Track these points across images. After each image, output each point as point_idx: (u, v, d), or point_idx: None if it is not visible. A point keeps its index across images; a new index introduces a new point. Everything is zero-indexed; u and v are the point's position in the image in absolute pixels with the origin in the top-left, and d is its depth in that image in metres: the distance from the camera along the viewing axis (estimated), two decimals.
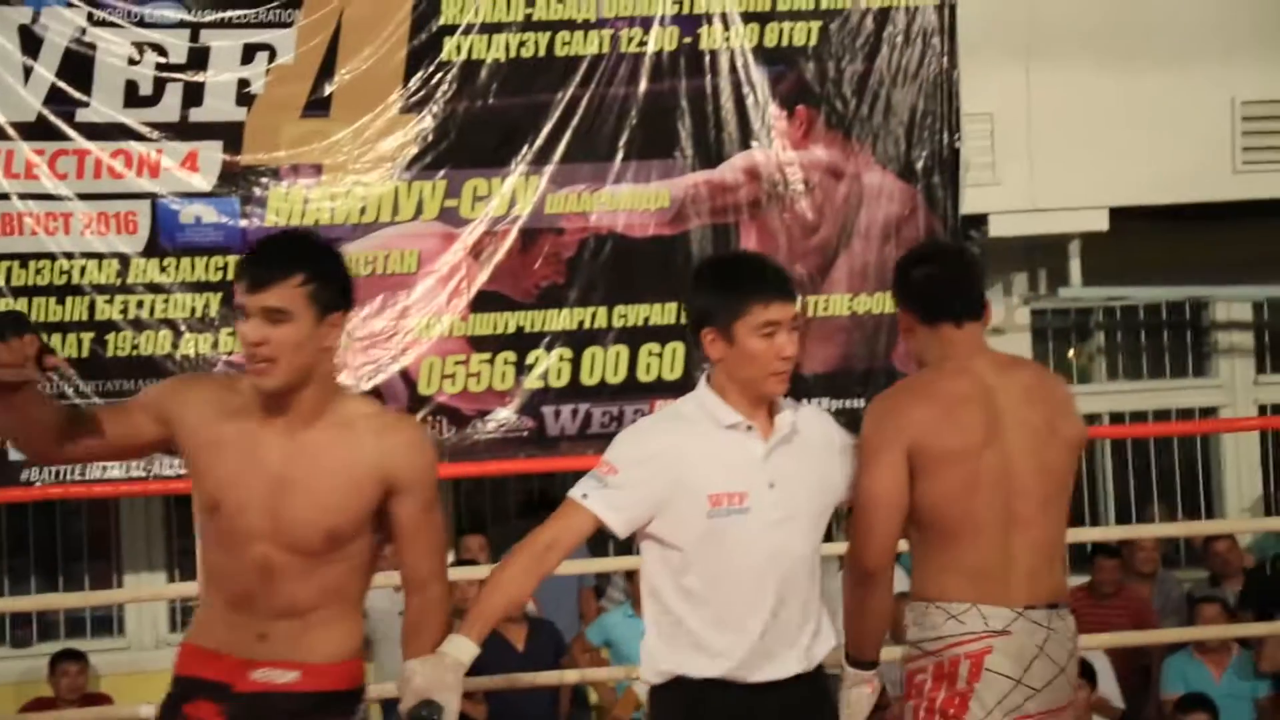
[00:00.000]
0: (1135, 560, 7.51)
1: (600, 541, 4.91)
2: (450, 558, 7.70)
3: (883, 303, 7.38)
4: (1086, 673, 6.60)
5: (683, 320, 5.96)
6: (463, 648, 3.02)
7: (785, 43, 7.41)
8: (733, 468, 3.15)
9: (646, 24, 7.31)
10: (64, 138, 6.96)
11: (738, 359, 3.13)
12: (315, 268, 2.94)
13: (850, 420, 7.42)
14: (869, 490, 3.29)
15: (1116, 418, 8.31)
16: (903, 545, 3.49)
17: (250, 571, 2.99)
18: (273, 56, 7.13)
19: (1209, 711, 6.30)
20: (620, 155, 7.30)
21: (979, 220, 7.68)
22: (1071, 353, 8.70)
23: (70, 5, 6.95)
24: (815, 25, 7.42)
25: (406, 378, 7.08)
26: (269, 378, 2.93)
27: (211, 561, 3.07)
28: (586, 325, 7.22)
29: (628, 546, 4.52)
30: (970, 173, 7.53)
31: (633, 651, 6.59)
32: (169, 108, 7.05)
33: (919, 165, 7.49)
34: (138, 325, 6.94)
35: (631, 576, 7.06)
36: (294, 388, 2.97)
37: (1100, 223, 7.70)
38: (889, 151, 7.47)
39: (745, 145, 7.38)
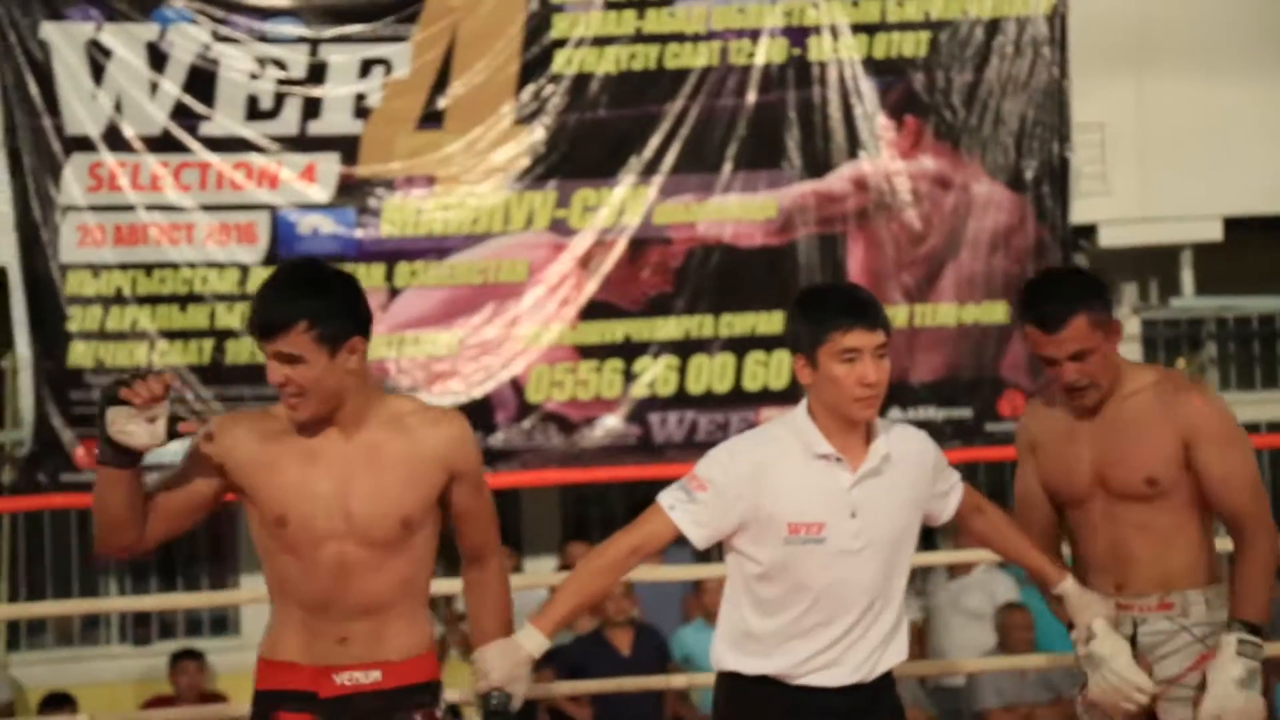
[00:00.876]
0: None
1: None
2: (554, 563, 7.75)
3: (991, 312, 7.35)
4: None
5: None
6: (535, 641, 3.14)
7: (895, 54, 7.43)
8: (815, 497, 3.16)
9: (755, 36, 7.36)
10: (187, 150, 7.13)
11: (822, 385, 3.15)
12: (316, 310, 2.98)
13: (958, 430, 7.50)
14: (1251, 462, 3.46)
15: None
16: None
17: (327, 574, 3.05)
18: (389, 70, 7.26)
19: None
20: (728, 166, 7.35)
21: (1089, 230, 7.64)
22: (1181, 363, 8.56)
23: (195, 22, 7.14)
24: (925, 36, 7.43)
25: (515, 385, 7.19)
26: (301, 411, 3.03)
27: (283, 573, 3.10)
28: (693, 334, 7.25)
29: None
30: (1080, 182, 7.51)
31: (710, 665, 6.65)
32: (288, 121, 7.21)
33: (1028, 175, 7.46)
34: None
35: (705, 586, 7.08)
36: (331, 410, 3.06)
37: (1213, 232, 7.65)
38: (998, 161, 7.45)
39: (853, 155, 7.41)
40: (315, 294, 3.02)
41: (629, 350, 7.16)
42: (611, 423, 7.24)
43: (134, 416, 2.90)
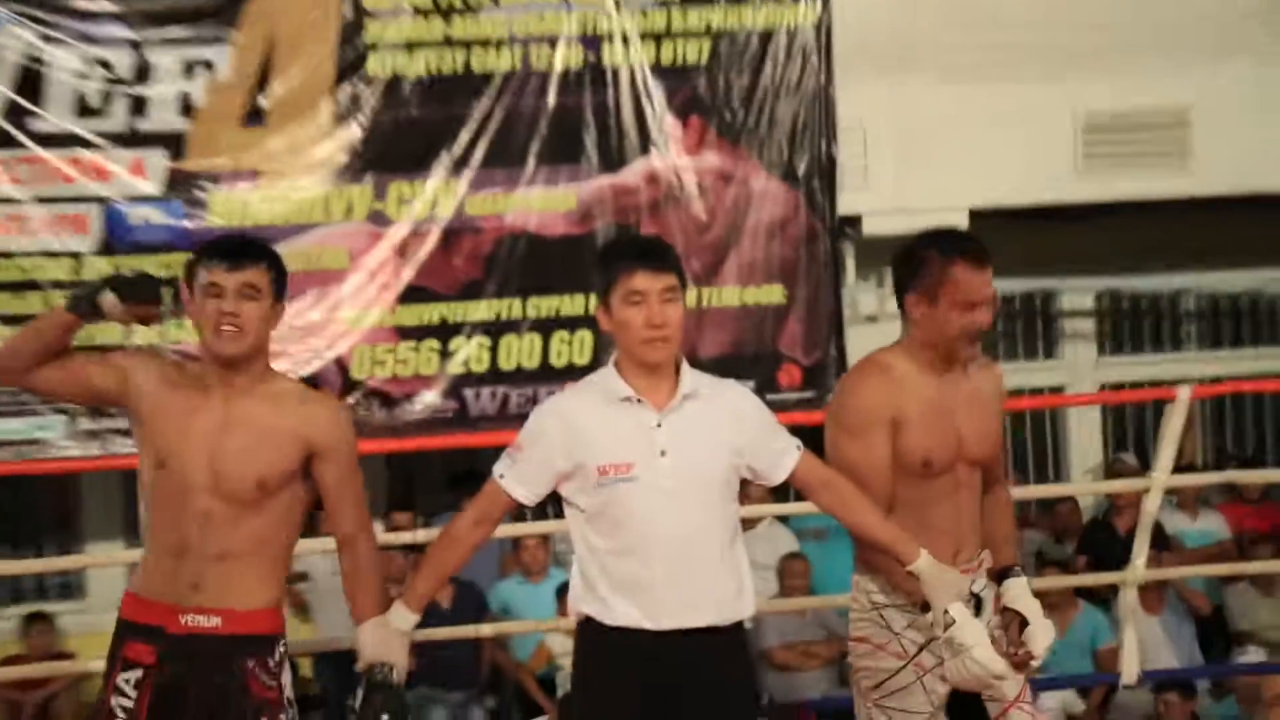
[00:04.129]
0: None
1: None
2: (381, 527, 7.73)
3: (770, 294, 7.49)
4: None
5: (591, 310, 6.01)
6: (404, 617, 3.17)
7: (680, 60, 7.48)
8: (621, 438, 3.09)
9: (554, 42, 7.37)
10: (20, 146, 6.92)
11: (616, 329, 3.10)
12: (275, 260, 3.21)
13: None
14: None
15: None
16: None
17: (191, 520, 3.13)
18: (212, 71, 7.12)
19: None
20: (532, 161, 7.35)
21: (854, 220, 7.76)
22: None
23: (23, 24, 6.93)
24: (707, 44, 7.49)
25: (340, 364, 7.15)
26: (237, 343, 3.14)
27: (155, 517, 3.19)
28: (503, 316, 7.26)
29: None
30: (845, 177, 7.62)
31: (526, 615, 6.76)
32: (117, 118, 7.04)
33: (800, 171, 7.57)
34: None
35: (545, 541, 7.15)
36: (247, 358, 3.18)
37: (960, 222, 7.59)
38: (773, 158, 7.55)
39: (644, 152, 7.45)
40: (272, 251, 3.25)
41: (444, 331, 7.15)
42: (430, 398, 7.21)
43: (125, 311, 3.14)
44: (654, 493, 3.08)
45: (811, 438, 8.28)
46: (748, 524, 7.20)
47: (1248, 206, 7.91)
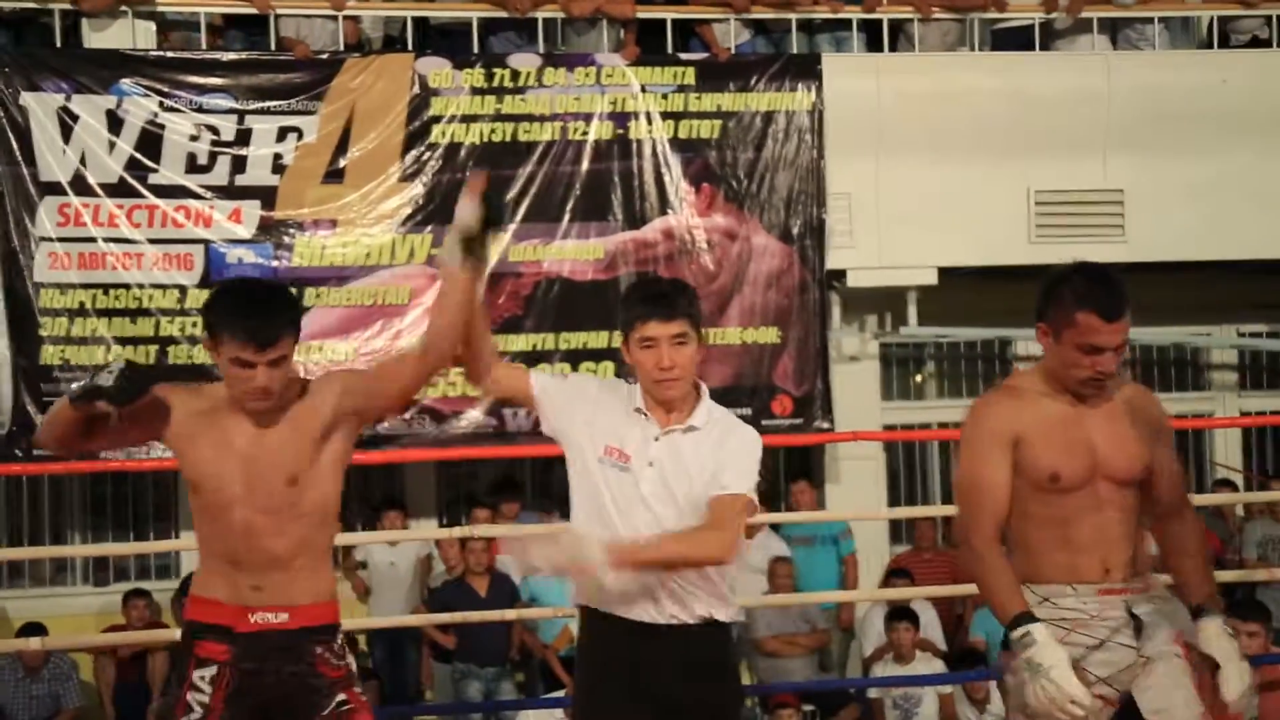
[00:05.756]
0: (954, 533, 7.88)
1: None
2: (434, 524, 7.97)
3: (766, 335, 7.79)
4: (911, 617, 7.11)
5: (614, 344, 6.40)
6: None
7: (695, 135, 7.83)
8: (628, 436, 3.07)
9: (589, 119, 7.74)
10: (139, 195, 7.34)
11: (634, 367, 3.09)
12: (294, 319, 3.06)
13: None
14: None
15: (944, 425, 8.38)
16: None
17: (236, 535, 3.02)
18: (300, 136, 7.52)
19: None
20: (567, 217, 7.72)
21: (840, 274, 8.05)
22: (917, 377, 8.91)
23: (146, 96, 7.37)
24: (718, 123, 7.85)
25: None
26: (267, 404, 3.01)
27: (203, 530, 3.08)
28: (539, 348, 7.59)
29: None
30: (834, 238, 7.90)
31: (552, 603, 6.73)
32: (220, 174, 7.44)
33: (795, 231, 7.90)
34: (192, 341, 7.29)
35: None
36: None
37: (931, 278, 8.07)
38: (772, 220, 7.87)
39: (663, 212, 7.79)
40: (289, 306, 3.10)
41: None
42: (474, 415, 7.54)
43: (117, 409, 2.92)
44: (636, 491, 3.04)
45: (800, 458, 8.55)
46: (747, 532, 7.59)
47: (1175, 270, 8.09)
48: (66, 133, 7.25)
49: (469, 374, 3.28)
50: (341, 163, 7.51)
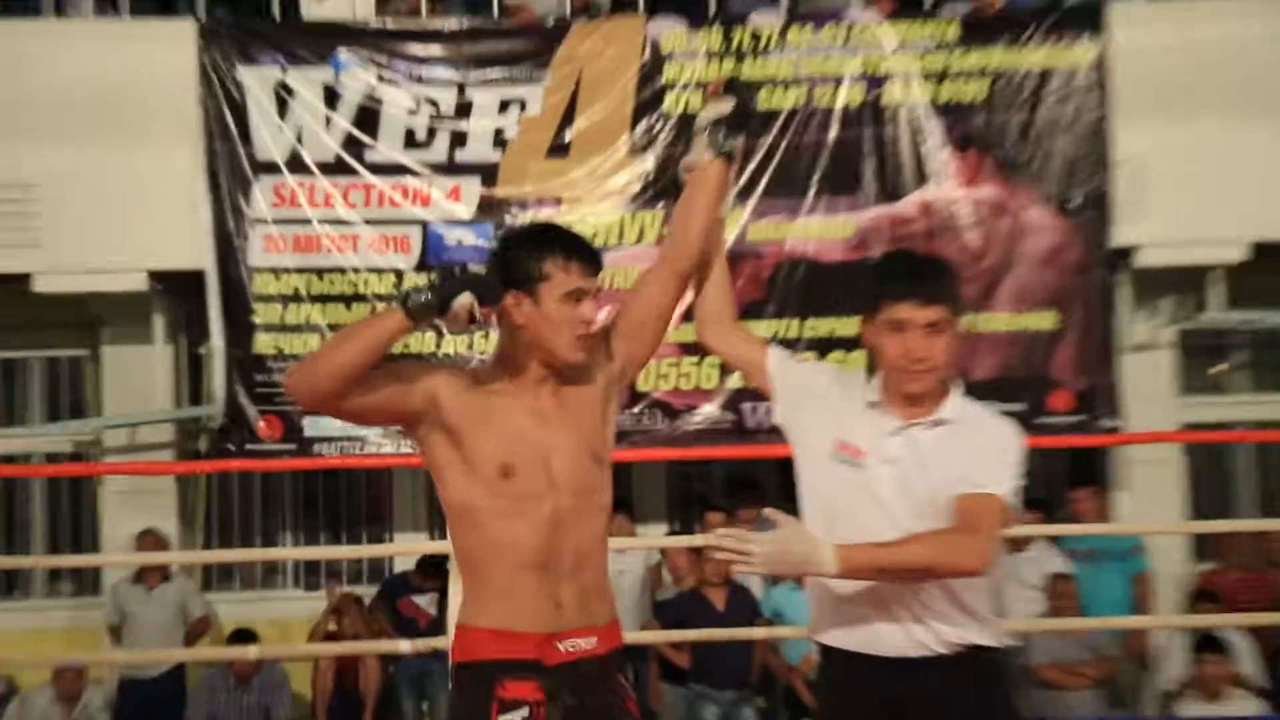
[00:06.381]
0: (1271, 550, 7.16)
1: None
2: (663, 529, 7.66)
3: (1041, 320, 7.23)
4: (1221, 647, 6.43)
5: None
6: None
7: (958, 99, 7.31)
8: (861, 434, 2.78)
9: (837, 82, 7.29)
10: (355, 174, 7.18)
11: (875, 350, 2.77)
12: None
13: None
14: None
15: (1254, 425, 7.97)
16: None
17: (544, 527, 2.70)
18: (524, 109, 7.27)
19: None
20: (812, 192, 7.27)
21: (1128, 251, 7.43)
22: (1221, 368, 8.35)
23: (364, 68, 7.21)
24: (985, 83, 7.31)
25: None
26: (579, 352, 2.77)
27: (499, 534, 2.72)
28: (781, 335, 7.15)
29: None
30: (1120, 209, 7.29)
31: (798, 621, 6.52)
32: (439, 150, 7.23)
33: (1074, 203, 7.31)
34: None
35: None
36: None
37: (1238, 254, 7.37)
38: (1048, 191, 7.30)
39: (921, 185, 7.30)
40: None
41: None
42: (709, 410, 7.17)
43: (470, 315, 2.63)
44: (871, 493, 2.75)
45: (1083, 461, 8.00)
46: (1017, 545, 6.97)
47: None
48: (283, 108, 7.18)
49: (696, 286, 3.08)
50: (567, 136, 7.29)
